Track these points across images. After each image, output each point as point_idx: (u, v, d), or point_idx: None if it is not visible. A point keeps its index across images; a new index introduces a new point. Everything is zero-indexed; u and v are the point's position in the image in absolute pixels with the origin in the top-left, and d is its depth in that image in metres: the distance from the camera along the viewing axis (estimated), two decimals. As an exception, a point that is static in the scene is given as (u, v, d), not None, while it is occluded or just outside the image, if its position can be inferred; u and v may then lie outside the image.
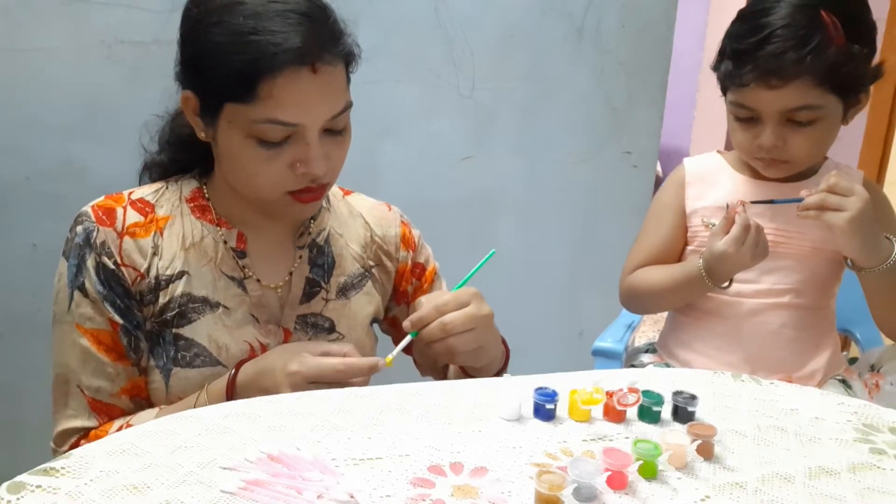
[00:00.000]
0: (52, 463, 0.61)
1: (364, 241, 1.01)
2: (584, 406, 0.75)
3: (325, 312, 0.96)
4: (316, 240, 0.97)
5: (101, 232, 0.86)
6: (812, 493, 0.65)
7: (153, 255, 0.87)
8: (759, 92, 1.04)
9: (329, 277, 0.97)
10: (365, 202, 1.05)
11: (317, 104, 0.81)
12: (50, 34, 1.44)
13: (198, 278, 0.88)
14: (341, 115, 0.85)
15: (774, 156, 1.10)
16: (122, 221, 0.87)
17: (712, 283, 1.10)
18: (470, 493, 0.61)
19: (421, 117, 1.77)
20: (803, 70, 1.01)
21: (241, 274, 0.91)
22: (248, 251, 0.92)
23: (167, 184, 0.94)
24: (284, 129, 0.81)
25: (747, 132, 1.10)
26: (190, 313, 0.88)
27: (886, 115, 2.44)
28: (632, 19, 1.85)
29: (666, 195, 1.24)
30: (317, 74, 0.80)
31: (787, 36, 1.02)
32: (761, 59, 1.03)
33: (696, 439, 0.69)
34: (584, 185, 1.95)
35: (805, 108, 1.04)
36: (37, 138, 1.48)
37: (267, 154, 0.82)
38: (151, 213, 0.89)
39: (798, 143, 1.08)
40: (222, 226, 0.91)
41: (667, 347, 1.25)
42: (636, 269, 1.22)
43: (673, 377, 0.88)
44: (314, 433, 0.69)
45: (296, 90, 0.79)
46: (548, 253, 1.96)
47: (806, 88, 1.03)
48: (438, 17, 1.71)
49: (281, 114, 0.80)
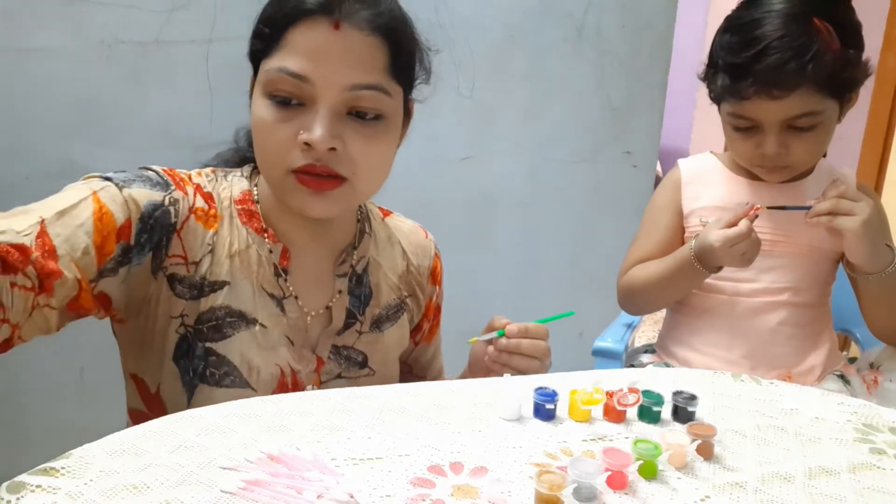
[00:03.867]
0: (52, 463, 0.61)
1: (401, 271, 0.96)
2: (584, 406, 0.75)
3: (358, 346, 0.90)
4: (356, 268, 0.91)
5: (177, 192, 0.78)
6: (812, 493, 0.65)
7: (209, 251, 0.80)
8: (761, 103, 1.05)
9: (364, 308, 0.91)
10: (403, 225, 1.00)
11: (330, 63, 0.75)
12: (50, 34, 1.44)
13: (239, 291, 0.82)
14: (368, 94, 0.77)
15: (777, 163, 1.10)
16: (193, 200, 0.80)
17: (701, 267, 1.10)
18: (470, 493, 0.61)
19: (421, 117, 1.77)
20: (804, 79, 1.02)
21: (280, 292, 0.84)
22: (291, 270, 0.85)
23: (216, 175, 0.86)
24: (294, 84, 0.75)
25: (748, 141, 1.11)
26: (226, 328, 0.81)
27: (886, 115, 2.45)
28: (632, 19, 1.85)
29: (662, 197, 1.24)
30: (339, 31, 0.75)
31: (785, 47, 1.02)
32: (761, 72, 1.03)
33: (696, 439, 0.69)
34: (584, 185, 1.95)
35: (806, 114, 1.05)
36: (37, 138, 1.48)
37: (277, 115, 0.76)
38: (213, 207, 0.82)
39: (800, 148, 1.08)
40: (269, 237, 0.84)
41: (665, 347, 1.25)
42: (632, 268, 1.23)
43: (673, 377, 0.88)
44: (314, 433, 0.69)
45: (311, 40, 0.75)
46: (548, 253, 1.96)
47: (807, 96, 1.03)
48: (438, 17, 1.71)
49: (292, 62, 0.75)
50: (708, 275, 1.12)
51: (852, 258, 1.08)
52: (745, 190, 1.17)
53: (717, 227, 1.07)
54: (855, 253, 1.07)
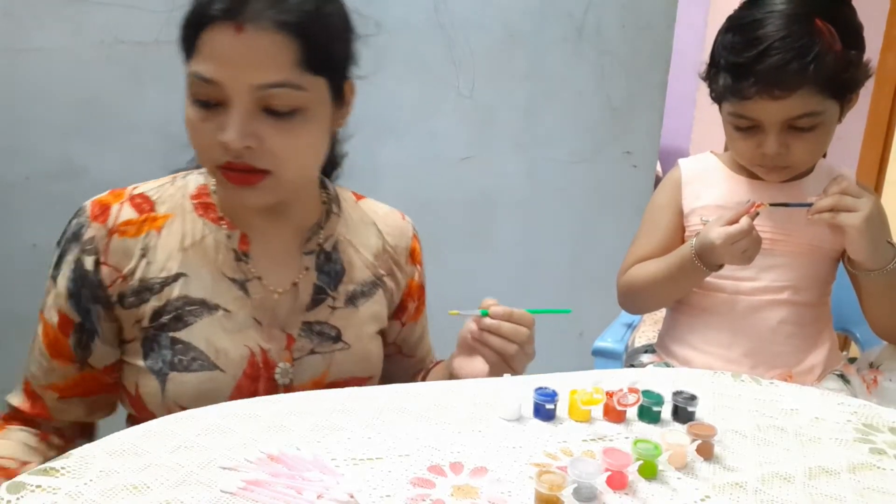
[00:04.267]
0: (52, 463, 0.61)
1: (377, 249, 0.99)
2: (584, 406, 0.75)
3: (332, 321, 0.93)
4: (323, 246, 0.94)
5: (91, 227, 0.85)
6: (812, 493, 0.65)
7: (141, 256, 0.86)
8: (762, 103, 1.05)
9: (337, 285, 0.94)
10: (379, 208, 1.03)
11: (237, 65, 0.78)
12: (50, 34, 1.44)
13: (196, 280, 0.86)
14: (279, 91, 0.79)
15: (777, 163, 1.10)
16: (115, 219, 0.86)
17: (702, 265, 1.10)
18: (470, 493, 0.61)
19: (421, 117, 1.77)
20: (806, 80, 1.02)
21: (242, 276, 0.88)
22: (252, 254, 0.90)
23: (175, 179, 0.92)
24: (208, 87, 0.79)
25: (748, 141, 1.11)
26: (187, 316, 0.85)
27: (886, 115, 2.45)
28: (632, 19, 1.85)
29: (662, 196, 1.24)
30: (242, 33, 0.77)
31: (787, 47, 1.02)
32: (762, 72, 1.03)
33: (696, 439, 0.69)
34: (584, 185, 1.95)
35: (807, 115, 1.05)
36: (37, 138, 1.48)
37: (200, 114, 0.80)
38: (149, 212, 0.87)
39: (801, 148, 1.09)
40: (226, 225, 0.89)
41: (665, 346, 1.25)
42: (630, 267, 1.23)
43: (673, 377, 0.88)
44: (314, 433, 0.69)
45: (217, 45, 0.78)
46: (548, 253, 1.96)
47: (808, 97, 1.04)
48: (438, 17, 1.71)
49: (202, 68, 0.78)
50: (709, 273, 1.12)
51: (854, 255, 1.08)
52: (746, 189, 1.17)
53: (719, 225, 1.07)
54: (857, 249, 1.07)
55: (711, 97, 1.16)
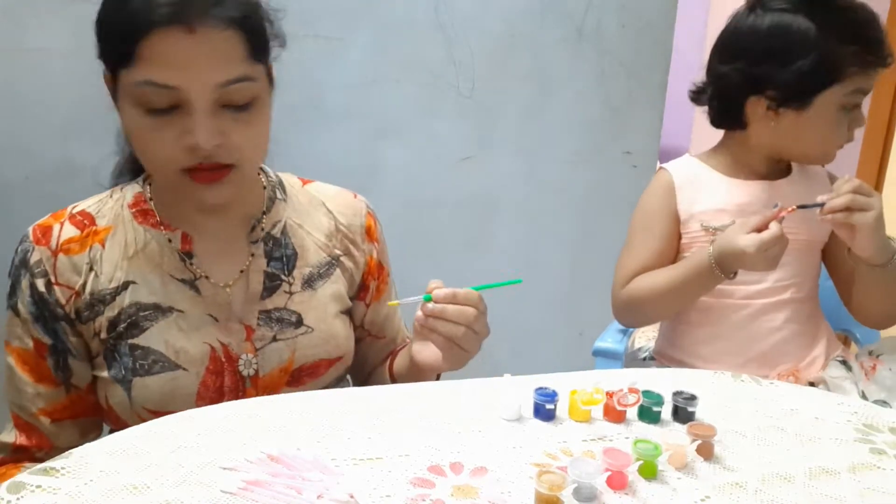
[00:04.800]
0: (52, 463, 0.61)
1: (328, 229, 0.98)
2: (585, 406, 0.75)
3: (291, 306, 0.92)
4: (271, 233, 0.94)
5: (36, 251, 0.86)
6: (812, 493, 0.65)
7: (89, 270, 0.86)
8: (864, 76, 1.10)
9: (291, 270, 0.94)
10: (328, 190, 1.02)
11: (195, 67, 0.77)
12: (50, 34, 1.44)
13: (145, 286, 0.87)
14: (237, 87, 0.79)
15: (843, 143, 1.15)
16: (57, 239, 0.86)
17: (721, 273, 1.08)
18: (470, 493, 0.61)
19: (421, 117, 1.77)
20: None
21: (190, 275, 0.88)
22: (196, 251, 0.89)
23: (112, 192, 0.92)
24: (164, 93, 0.77)
25: (841, 124, 1.13)
26: (142, 322, 0.86)
27: (886, 115, 2.45)
28: (632, 19, 1.85)
29: (654, 203, 1.20)
30: (195, 35, 0.76)
31: (878, 24, 1.11)
32: (871, 40, 1.09)
33: (696, 439, 0.69)
34: (584, 185, 1.95)
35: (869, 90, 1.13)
36: (37, 138, 1.48)
37: (154, 123, 0.78)
38: (90, 226, 0.88)
39: (853, 127, 1.15)
40: (166, 228, 0.89)
41: (668, 356, 1.24)
42: (631, 279, 1.18)
43: (673, 377, 0.88)
44: (314, 433, 0.69)
45: (169, 50, 0.76)
46: (548, 253, 1.96)
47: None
48: (438, 17, 1.71)
49: (156, 74, 0.76)
50: (724, 280, 1.10)
51: (863, 252, 1.07)
52: (741, 191, 1.17)
53: (744, 231, 1.04)
54: (865, 247, 1.06)
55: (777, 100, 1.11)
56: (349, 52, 1.63)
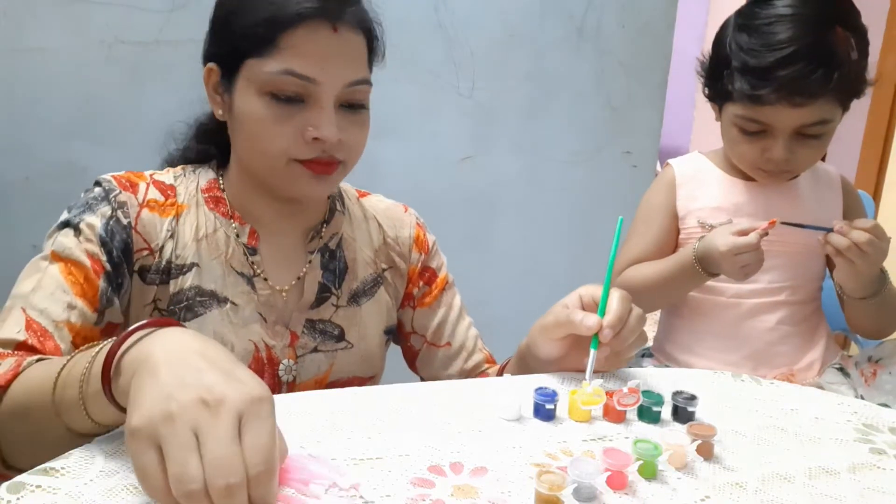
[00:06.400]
0: (52, 463, 0.60)
1: (377, 244, 0.99)
2: (584, 406, 0.75)
3: (335, 319, 0.93)
4: (328, 244, 0.95)
5: (122, 194, 0.84)
6: (812, 493, 0.65)
7: (169, 237, 0.86)
8: (780, 109, 1.04)
9: (341, 283, 0.94)
10: (381, 203, 1.04)
11: (334, 63, 0.81)
12: (50, 34, 1.44)
13: (208, 271, 0.87)
14: (360, 88, 0.84)
15: (781, 167, 1.10)
16: (145, 195, 0.86)
17: (701, 270, 1.09)
18: (470, 493, 0.61)
19: (421, 117, 1.77)
20: (829, 88, 1.01)
21: (250, 271, 0.89)
22: (260, 249, 0.90)
23: (185, 171, 0.92)
24: (300, 84, 0.80)
25: (754, 144, 1.10)
26: (197, 307, 0.86)
27: (886, 115, 2.45)
28: (632, 19, 1.85)
29: (655, 197, 1.23)
30: (337, 34, 0.80)
31: (813, 54, 1.00)
32: (786, 78, 1.01)
33: (696, 439, 0.69)
34: (584, 185, 1.95)
35: (819, 122, 1.05)
36: (37, 138, 1.49)
37: (280, 113, 0.81)
38: (172, 197, 0.88)
39: (806, 154, 1.09)
40: (235, 220, 0.90)
41: (664, 351, 1.25)
42: (627, 268, 1.21)
43: (673, 377, 0.88)
44: (314, 433, 0.69)
45: (315, 44, 0.79)
46: (548, 253, 1.96)
47: (825, 105, 1.04)
48: (438, 17, 1.71)
49: (298, 65, 0.79)
50: (708, 279, 1.11)
51: (846, 286, 1.09)
52: (741, 191, 1.17)
53: (728, 232, 1.05)
54: (850, 285, 1.08)
55: (707, 95, 1.15)
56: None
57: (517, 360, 0.93)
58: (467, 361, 1.03)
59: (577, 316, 0.80)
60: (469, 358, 1.03)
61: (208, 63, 0.87)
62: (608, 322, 0.79)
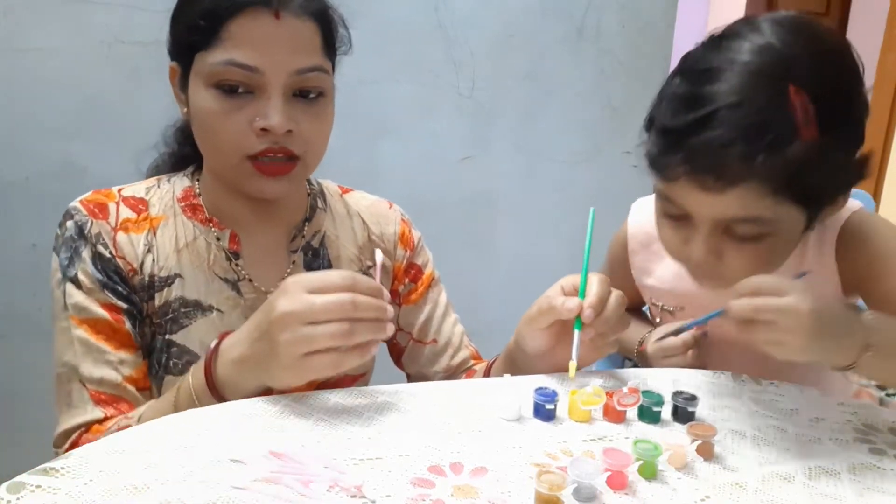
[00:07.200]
0: (52, 463, 0.61)
1: (361, 241, 0.98)
2: (585, 406, 0.75)
3: None
4: (311, 242, 0.94)
5: (94, 224, 0.84)
6: (812, 493, 0.65)
7: (147, 251, 0.85)
8: (690, 190, 0.76)
9: None
10: (364, 200, 1.02)
11: (277, 51, 0.79)
12: (50, 34, 1.44)
13: (191, 281, 0.86)
14: (311, 76, 0.82)
15: (705, 272, 0.83)
16: (116, 216, 0.85)
17: (640, 362, 1.04)
18: (470, 493, 0.61)
19: (421, 117, 1.77)
20: (752, 173, 0.72)
21: (235, 276, 0.89)
22: (242, 253, 0.90)
23: (159, 182, 0.91)
24: (243, 74, 0.79)
25: (675, 231, 0.83)
26: (182, 318, 0.86)
27: (886, 115, 2.45)
28: (632, 19, 1.85)
29: (616, 248, 1.12)
30: (280, 20, 0.79)
31: (736, 120, 0.71)
32: (696, 148, 0.73)
33: (696, 439, 0.69)
34: (584, 185, 1.95)
35: (749, 220, 0.76)
36: (37, 138, 1.49)
37: (227, 106, 0.80)
38: (145, 211, 0.87)
39: (736, 261, 0.79)
40: (215, 226, 0.89)
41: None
42: None
43: (673, 377, 0.88)
44: (314, 433, 0.69)
45: (255, 31, 0.78)
46: (547, 253, 1.96)
47: (753, 197, 0.73)
48: (438, 17, 1.71)
49: (239, 54, 0.78)
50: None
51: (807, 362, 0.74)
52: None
53: (657, 336, 0.98)
54: (804, 359, 0.71)
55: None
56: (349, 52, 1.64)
57: (505, 358, 0.93)
58: (454, 358, 1.03)
59: (559, 300, 0.82)
60: (455, 354, 1.03)
61: (172, 61, 0.87)
62: (588, 303, 0.81)
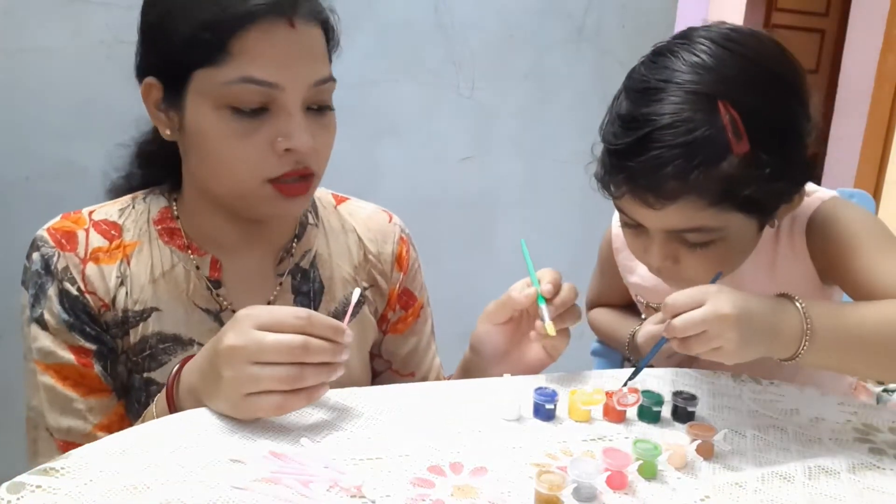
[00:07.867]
0: (52, 463, 0.61)
1: (357, 260, 0.91)
2: (584, 406, 0.75)
3: None
4: (300, 264, 0.87)
5: (61, 257, 0.77)
6: (812, 493, 0.65)
7: (119, 284, 0.78)
8: (636, 207, 0.81)
9: (317, 305, 0.86)
10: (361, 211, 0.94)
11: (297, 63, 0.72)
12: (50, 34, 1.44)
13: (169, 313, 0.79)
14: (326, 86, 0.75)
15: (669, 276, 0.87)
16: (85, 246, 0.78)
17: (633, 358, 1.06)
18: (470, 493, 0.61)
19: (421, 117, 1.77)
20: (688, 189, 0.75)
21: (216, 306, 0.81)
22: (224, 280, 0.82)
23: (133, 201, 0.84)
24: (261, 92, 0.71)
25: (635, 239, 0.88)
26: (160, 355, 0.79)
27: (886, 115, 2.45)
28: (632, 19, 1.86)
29: (603, 250, 1.16)
30: (295, 30, 0.71)
31: (669, 140, 0.74)
32: (635, 169, 0.77)
33: (696, 439, 0.69)
34: (584, 185, 1.95)
35: (695, 230, 0.79)
36: (37, 138, 1.48)
37: (243, 127, 0.72)
38: (118, 238, 0.80)
39: (693, 264, 0.83)
40: (194, 252, 0.81)
41: None
42: (592, 306, 1.21)
43: (673, 377, 0.88)
44: (314, 433, 0.69)
45: (272, 44, 0.70)
46: (547, 253, 1.96)
47: (693, 209, 0.77)
48: (438, 17, 1.71)
49: (257, 70, 0.70)
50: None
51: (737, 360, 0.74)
52: None
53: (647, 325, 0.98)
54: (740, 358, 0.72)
55: None
56: (349, 53, 1.64)
57: (461, 372, 0.92)
58: None
59: (514, 290, 0.83)
60: None
61: (146, 78, 0.77)
62: (544, 283, 0.82)
